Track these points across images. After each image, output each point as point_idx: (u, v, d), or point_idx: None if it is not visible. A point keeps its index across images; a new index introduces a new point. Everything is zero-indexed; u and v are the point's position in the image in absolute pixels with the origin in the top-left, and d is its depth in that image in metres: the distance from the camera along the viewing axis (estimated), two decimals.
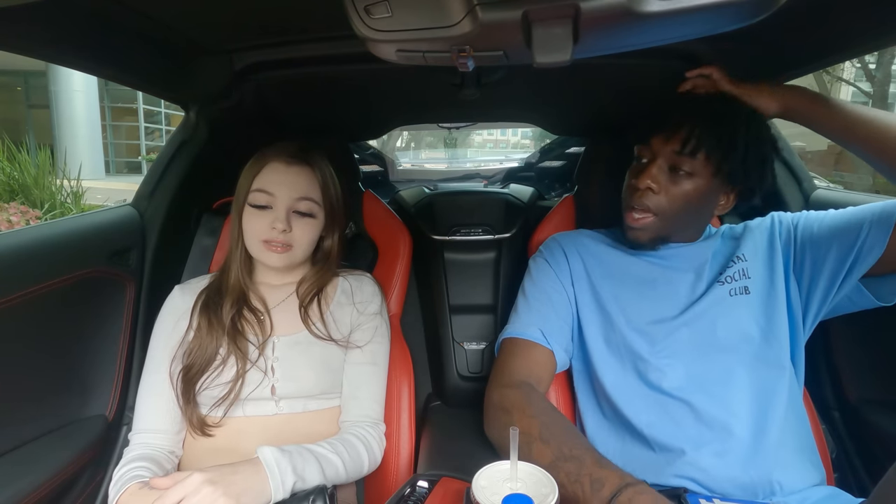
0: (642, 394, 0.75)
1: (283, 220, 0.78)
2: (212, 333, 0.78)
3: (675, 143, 0.74)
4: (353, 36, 0.47)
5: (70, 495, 0.83)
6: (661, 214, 0.77)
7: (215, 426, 0.76)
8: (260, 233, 0.79)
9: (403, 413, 0.90)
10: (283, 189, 0.79)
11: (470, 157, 5.24)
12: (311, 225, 0.82)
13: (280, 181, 0.79)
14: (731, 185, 0.77)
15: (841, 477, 0.85)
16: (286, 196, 0.79)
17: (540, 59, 0.46)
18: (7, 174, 4.56)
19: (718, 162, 0.73)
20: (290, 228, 0.79)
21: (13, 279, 0.74)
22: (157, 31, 0.79)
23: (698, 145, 0.72)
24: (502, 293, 1.16)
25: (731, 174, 0.74)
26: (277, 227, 0.77)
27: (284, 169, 0.80)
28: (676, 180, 0.75)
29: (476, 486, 0.51)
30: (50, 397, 0.83)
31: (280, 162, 0.80)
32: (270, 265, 0.82)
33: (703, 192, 0.75)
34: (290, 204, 0.79)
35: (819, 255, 0.75)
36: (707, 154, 0.73)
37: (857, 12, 0.68)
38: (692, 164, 0.74)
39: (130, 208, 1.01)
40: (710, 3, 0.41)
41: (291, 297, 0.85)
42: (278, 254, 0.79)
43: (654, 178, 0.75)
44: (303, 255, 0.83)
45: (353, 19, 0.46)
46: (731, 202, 0.79)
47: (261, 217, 0.79)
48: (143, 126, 10.68)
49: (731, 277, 0.78)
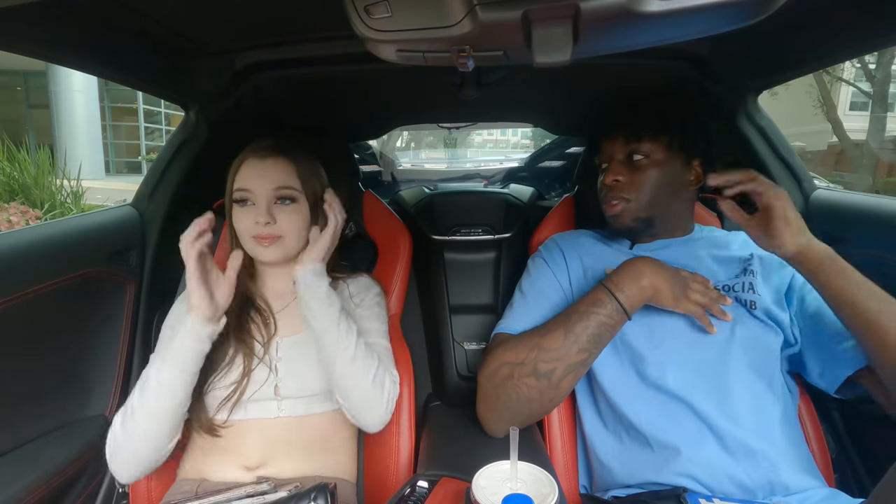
0: (641, 391, 0.75)
1: (265, 213, 0.78)
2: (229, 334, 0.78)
3: (619, 138, 0.83)
4: (353, 36, 0.47)
5: (70, 495, 0.83)
6: (632, 199, 0.82)
7: (221, 426, 0.76)
8: (248, 229, 0.79)
9: (403, 413, 0.90)
10: (259, 182, 0.79)
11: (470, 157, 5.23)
12: (295, 211, 0.81)
13: (256, 175, 0.80)
14: (690, 156, 0.82)
15: (841, 477, 0.85)
16: (264, 189, 0.79)
17: (540, 59, 0.46)
18: (7, 174, 4.56)
19: (666, 137, 0.81)
20: (274, 220, 0.79)
21: (13, 279, 0.74)
22: (157, 31, 0.79)
23: (638, 130, 0.82)
24: (502, 293, 1.16)
25: (683, 145, 0.81)
26: (260, 220, 0.78)
27: (259, 163, 0.80)
28: (636, 166, 0.82)
29: (476, 486, 0.51)
30: (50, 397, 0.83)
31: (255, 157, 0.81)
32: (265, 260, 0.82)
33: (665, 170, 0.81)
34: (269, 196, 0.79)
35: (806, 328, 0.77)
36: (650, 134, 0.81)
37: (857, 12, 0.68)
38: (643, 148, 0.81)
39: (130, 208, 1.01)
40: (710, 3, 0.41)
41: (294, 300, 0.85)
42: (267, 247, 0.79)
43: (617, 172, 0.82)
44: (294, 245, 0.82)
45: (353, 19, 0.46)
46: (701, 174, 0.83)
47: (245, 214, 0.80)
48: (143, 126, 10.69)
49: (738, 287, 0.78)
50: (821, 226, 0.95)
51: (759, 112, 1.01)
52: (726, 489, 0.67)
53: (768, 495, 0.67)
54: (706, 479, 0.68)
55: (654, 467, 0.71)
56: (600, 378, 0.79)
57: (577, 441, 0.87)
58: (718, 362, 0.74)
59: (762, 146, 1.01)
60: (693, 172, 0.83)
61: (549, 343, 0.72)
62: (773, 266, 0.80)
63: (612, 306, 0.71)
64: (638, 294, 0.72)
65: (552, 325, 0.74)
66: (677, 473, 0.69)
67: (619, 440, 0.77)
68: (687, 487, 0.67)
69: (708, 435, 0.70)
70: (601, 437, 0.80)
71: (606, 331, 0.71)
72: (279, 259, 0.82)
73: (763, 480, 0.67)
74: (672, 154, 0.81)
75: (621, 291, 0.71)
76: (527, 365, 0.71)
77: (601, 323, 0.71)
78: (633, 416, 0.75)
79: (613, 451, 0.77)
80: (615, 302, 0.71)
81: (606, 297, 0.71)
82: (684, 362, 0.74)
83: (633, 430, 0.75)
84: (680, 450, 0.70)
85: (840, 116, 10.81)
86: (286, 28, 0.84)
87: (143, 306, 0.96)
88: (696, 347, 0.75)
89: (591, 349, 0.71)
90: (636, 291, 0.72)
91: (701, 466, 0.68)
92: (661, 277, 0.72)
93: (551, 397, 0.72)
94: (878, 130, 10.14)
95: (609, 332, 0.72)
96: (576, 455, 0.87)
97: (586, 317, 0.71)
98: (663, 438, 0.72)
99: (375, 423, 0.79)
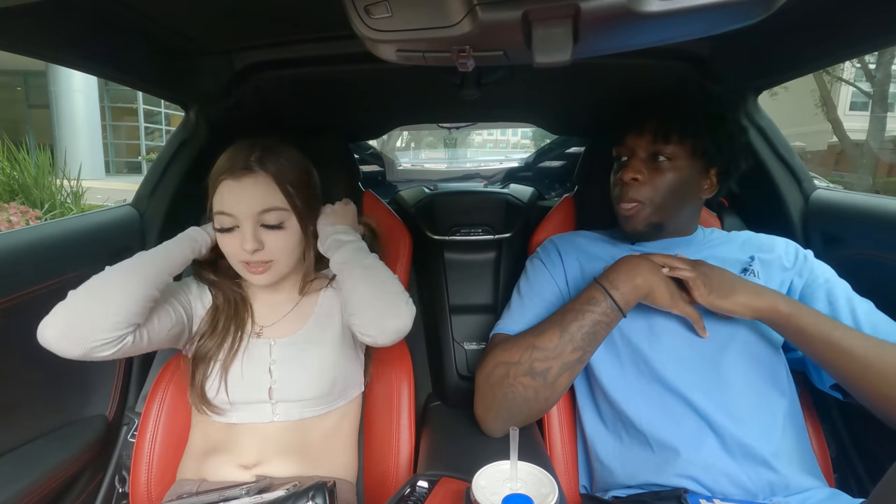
0: (641, 390, 0.75)
1: (251, 240, 0.73)
2: (215, 334, 0.79)
3: (647, 135, 0.81)
4: (353, 36, 0.47)
5: (70, 495, 0.83)
6: (649, 202, 0.80)
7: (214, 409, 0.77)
8: (236, 255, 0.76)
9: (403, 413, 0.90)
10: (241, 207, 0.74)
11: (470, 157, 5.24)
12: (284, 235, 0.77)
13: (236, 200, 0.74)
14: (709, 165, 0.81)
15: (841, 477, 0.85)
16: (246, 213, 0.74)
17: (540, 59, 0.46)
18: (7, 174, 4.56)
19: (692, 142, 0.78)
20: (262, 245, 0.75)
21: (13, 279, 0.74)
22: (158, 31, 0.79)
23: (668, 131, 0.79)
24: (502, 293, 1.16)
25: (706, 152, 0.79)
26: (247, 248, 0.73)
27: (236, 184, 0.74)
28: (658, 168, 0.80)
29: (476, 486, 0.51)
30: (50, 397, 0.83)
31: (230, 178, 0.74)
32: (259, 284, 0.80)
33: (685, 175, 0.79)
34: (254, 220, 0.74)
35: None
36: (679, 137, 0.78)
37: (858, 12, 0.68)
38: (668, 150, 0.79)
39: (130, 208, 1.01)
40: (710, 3, 0.41)
41: (287, 304, 0.85)
42: (260, 274, 0.77)
43: (637, 169, 0.80)
44: (286, 265, 0.80)
45: (353, 19, 0.46)
46: (715, 184, 0.83)
47: (231, 239, 0.75)
48: (143, 126, 10.68)
49: None
50: (821, 226, 0.95)
51: (759, 112, 1.01)
52: (726, 490, 0.67)
53: (768, 496, 0.67)
54: (706, 480, 0.68)
55: (655, 468, 0.71)
56: (600, 376, 0.79)
57: (578, 441, 0.87)
58: (719, 360, 0.73)
59: (762, 146, 1.01)
60: (708, 181, 0.82)
61: (544, 342, 0.72)
62: (775, 269, 0.80)
63: (607, 304, 0.71)
64: (633, 291, 0.71)
65: (547, 324, 0.74)
66: (678, 475, 0.69)
67: (620, 440, 0.77)
68: (687, 488, 0.67)
69: (708, 434, 0.70)
70: (601, 436, 0.80)
71: (602, 329, 0.71)
72: (274, 282, 0.81)
73: (763, 482, 0.67)
74: (694, 160, 0.79)
75: (616, 289, 0.71)
76: (522, 364, 0.72)
77: (596, 321, 0.71)
78: (633, 415, 0.75)
79: (614, 452, 0.77)
80: (610, 300, 0.70)
81: (601, 294, 0.71)
82: (684, 360, 0.74)
83: (633, 430, 0.75)
84: (680, 451, 0.70)
85: (840, 116, 10.80)
86: (286, 28, 0.84)
87: None
88: (696, 345, 0.75)
89: (586, 347, 0.71)
90: (631, 289, 0.71)
91: (701, 468, 0.68)
92: (657, 276, 0.72)
93: (547, 396, 0.72)
94: (878, 130, 10.13)
95: (604, 329, 0.71)
96: (576, 455, 0.87)
97: (581, 315, 0.71)
98: (663, 438, 0.72)
99: (396, 330, 0.73)
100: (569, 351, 0.71)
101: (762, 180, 1.02)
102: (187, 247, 0.76)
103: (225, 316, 0.81)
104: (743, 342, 0.74)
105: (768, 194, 1.02)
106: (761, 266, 0.80)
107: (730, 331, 0.75)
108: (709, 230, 0.89)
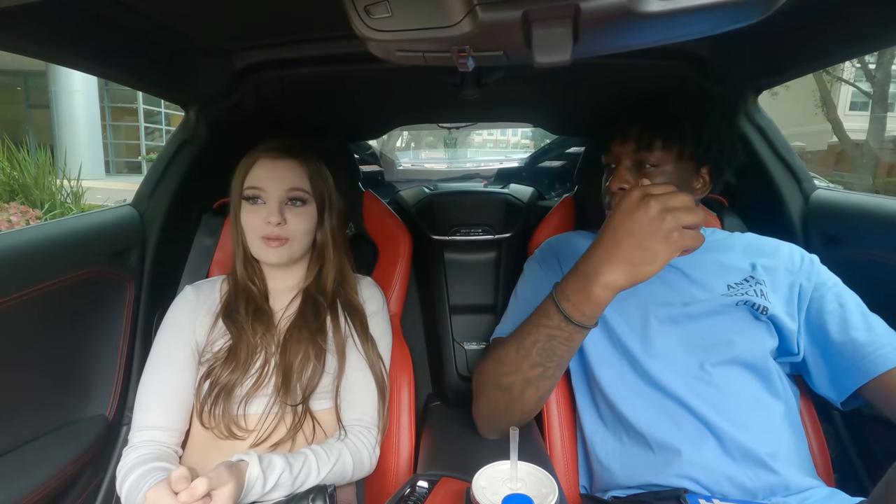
0: (640, 392, 0.75)
1: (276, 213, 0.79)
2: (241, 336, 0.79)
3: (630, 142, 0.79)
4: (353, 36, 0.47)
5: (70, 495, 0.83)
6: None
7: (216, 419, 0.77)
8: (257, 229, 0.81)
9: (403, 413, 0.90)
10: (272, 183, 0.81)
11: (470, 157, 5.23)
12: (305, 213, 0.83)
13: (269, 176, 0.81)
14: (699, 165, 0.79)
15: (841, 477, 0.85)
16: (276, 189, 0.81)
17: (540, 59, 0.46)
18: (7, 174, 4.56)
19: (678, 146, 0.76)
20: (285, 220, 0.80)
21: (13, 279, 0.74)
22: (158, 32, 0.79)
23: (651, 137, 0.77)
24: (502, 293, 1.16)
25: (693, 154, 0.77)
26: (272, 220, 0.79)
27: (272, 164, 0.82)
28: (645, 175, 0.78)
29: (476, 486, 0.51)
30: (50, 397, 0.83)
31: (268, 158, 0.83)
32: (270, 261, 0.83)
33: (674, 179, 0.77)
34: (281, 196, 0.81)
35: None
36: (663, 142, 0.76)
37: (857, 12, 0.68)
38: (653, 157, 0.77)
39: (130, 208, 1.01)
40: (710, 3, 0.41)
41: (296, 300, 0.86)
42: (276, 249, 0.81)
43: (624, 178, 0.78)
44: (300, 247, 0.84)
45: (353, 19, 0.46)
46: (708, 183, 0.81)
47: (255, 213, 0.81)
48: (143, 126, 10.69)
49: (749, 291, 0.76)
50: (821, 226, 0.95)
51: (759, 112, 1.01)
52: (726, 490, 0.67)
53: (768, 496, 0.67)
54: (706, 480, 0.68)
55: (655, 469, 0.71)
56: (599, 378, 0.79)
57: (577, 441, 0.87)
58: (712, 367, 0.73)
59: (762, 146, 1.01)
60: (701, 180, 0.81)
61: (504, 356, 0.69)
62: (780, 273, 0.78)
63: (559, 318, 0.62)
64: (587, 302, 0.60)
65: (509, 337, 0.71)
66: (677, 475, 0.69)
67: (619, 441, 0.77)
68: (687, 489, 0.67)
69: (708, 436, 0.70)
70: (601, 437, 0.80)
71: (560, 343, 0.64)
72: (284, 261, 0.83)
73: (763, 482, 0.67)
74: (682, 163, 0.78)
75: (567, 300, 0.62)
76: (490, 376, 0.72)
77: (550, 336, 0.64)
78: (633, 417, 0.74)
79: (613, 452, 0.77)
80: (560, 314, 0.62)
81: (553, 307, 0.64)
82: (680, 364, 0.74)
83: (632, 431, 0.75)
84: (680, 451, 0.70)
85: (840, 116, 10.80)
86: (286, 28, 0.84)
87: (143, 306, 0.96)
88: (691, 350, 0.75)
89: (546, 363, 0.65)
90: (583, 299, 0.60)
91: (701, 468, 0.68)
92: (620, 267, 0.58)
93: (520, 408, 0.71)
94: (878, 130, 10.13)
95: (564, 344, 0.64)
96: (576, 455, 0.87)
97: (535, 329, 0.65)
98: (663, 439, 0.71)
99: (364, 475, 0.81)
100: (526, 367, 0.66)
101: (762, 180, 1.02)
102: None
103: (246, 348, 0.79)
104: (734, 349, 0.74)
105: (768, 194, 1.02)
106: (765, 272, 0.78)
107: (721, 338, 0.74)
108: (710, 230, 0.89)
